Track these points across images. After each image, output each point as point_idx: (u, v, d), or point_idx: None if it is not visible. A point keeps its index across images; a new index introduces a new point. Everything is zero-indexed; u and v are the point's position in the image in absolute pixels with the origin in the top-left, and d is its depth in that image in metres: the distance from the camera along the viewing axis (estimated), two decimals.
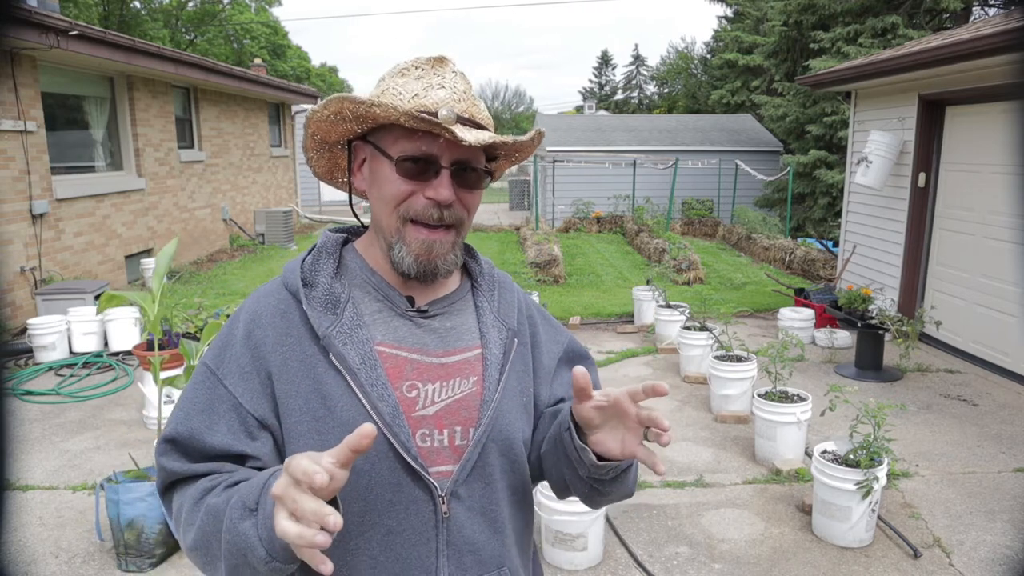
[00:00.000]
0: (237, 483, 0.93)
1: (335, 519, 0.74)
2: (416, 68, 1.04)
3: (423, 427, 1.02)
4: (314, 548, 0.74)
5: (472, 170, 1.04)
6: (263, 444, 1.00)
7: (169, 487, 1.03)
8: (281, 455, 1.01)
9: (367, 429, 0.76)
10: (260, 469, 0.98)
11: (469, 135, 0.98)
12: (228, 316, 0.93)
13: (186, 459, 1.00)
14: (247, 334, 1.02)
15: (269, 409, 1.00)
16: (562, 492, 1.15)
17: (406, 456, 0.99)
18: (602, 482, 1.05)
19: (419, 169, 1.01)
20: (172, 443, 1.01)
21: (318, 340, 1.00)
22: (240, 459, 1.00)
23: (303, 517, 0.75)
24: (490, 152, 1.09)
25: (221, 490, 0.94)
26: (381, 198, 1.04)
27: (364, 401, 0.98)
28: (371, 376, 1.00)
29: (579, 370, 0.94)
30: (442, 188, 1.01)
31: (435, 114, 0.98)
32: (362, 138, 1.08)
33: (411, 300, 1.08)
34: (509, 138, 1.05)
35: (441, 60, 1.05)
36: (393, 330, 1.05)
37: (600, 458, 1.01)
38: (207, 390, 1.02)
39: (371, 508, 0.99)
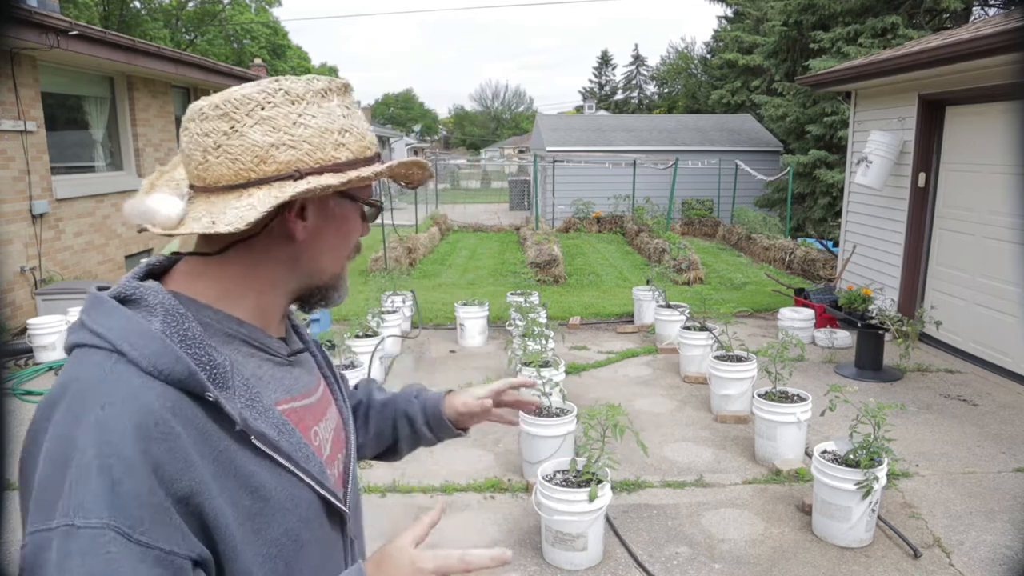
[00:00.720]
0: None
1: None
2: (333, 93, 0.91)
3: (328, 468, 0.98)
4: None
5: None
6: None
7: None
8: None
9: (506, 555, 0.94)
10: None
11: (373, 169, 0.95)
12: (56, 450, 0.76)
13: None
14: (143, 456, 0.74)
15: (202, 540, 0.78)
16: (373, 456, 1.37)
17: (337, 504, 0.96)
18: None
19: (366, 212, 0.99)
20: None
21: (230, 429, 0.82)
22: None
23: None
24: None
25: None
26: (342, 247, 0.96)
27: (295, 471, 0.88)
28: (292, 443, 0.89)
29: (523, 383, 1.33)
30: (367, 225, 1.00)
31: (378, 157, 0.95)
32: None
33: (284, 342, 0.99)
34: (398, 162, 0.99)
35: (346, 87, 0.94)
36: (280, 383, 0.94)
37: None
38: (127, 560, 0.72)
39: (313, 573, 0.94)
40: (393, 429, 1.33)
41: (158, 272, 0.91)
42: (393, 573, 0.87)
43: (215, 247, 0.89)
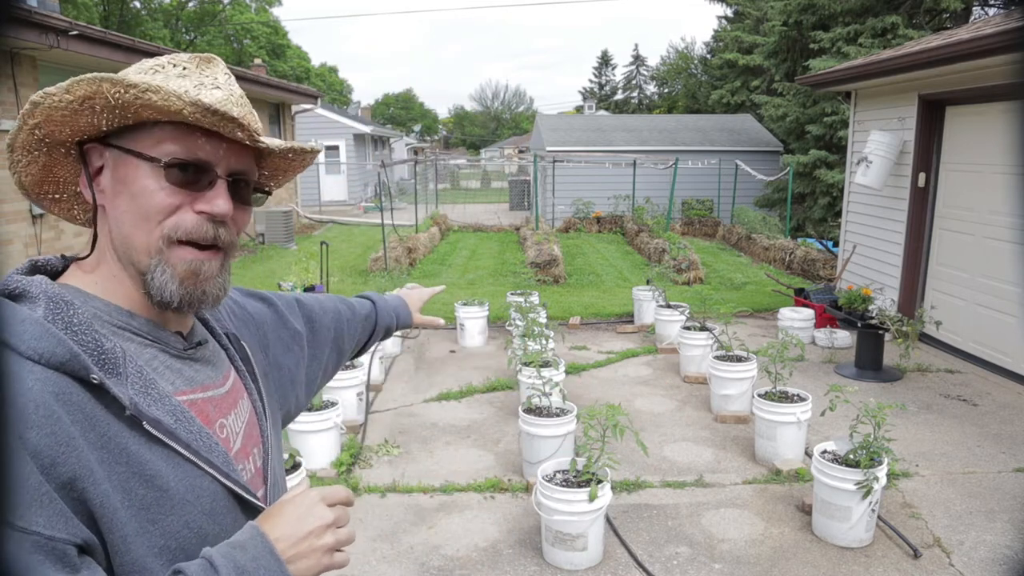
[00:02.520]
0: None
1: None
2: (176, 66, 0.89)
3: (239, 462, 0.95)
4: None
5: (246, 184, 0.92)
6: (94, 572, 0.75)
7: None
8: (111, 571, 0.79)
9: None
10: None
11: (266, 140, 0.90)
12: None
13: None
14: (19, 440, 0.72)
15: (87, 525, 0.75)
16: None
17: (248, 497, 0.91)
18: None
19: (191, 178, 0.86)
20: None
21: (120, 414, 0.80)
22: None
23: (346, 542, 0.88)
24: (259, 167, 0.99)
25: None
26: (137, 212, 0.85)
27: (196, 460, 0.85)
28: (191, 431, 0.86)
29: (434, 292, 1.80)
30: (219, 199, 0.87)
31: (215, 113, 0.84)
32: (101, 140, 0.88)
33: (181, 336, 0.94)
34: (306, 145, 0.98)
35: (209, 59, 0.92)
36: (178, 373, 0.91)
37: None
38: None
39: None
40: (369, 335, 1.55)
41: (47, 270, 0.90)
42: (290, 513, 0.86)
43: (88, 249, 0.90)
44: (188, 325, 0.96)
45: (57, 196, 0.96)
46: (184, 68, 0.89)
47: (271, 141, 0.91)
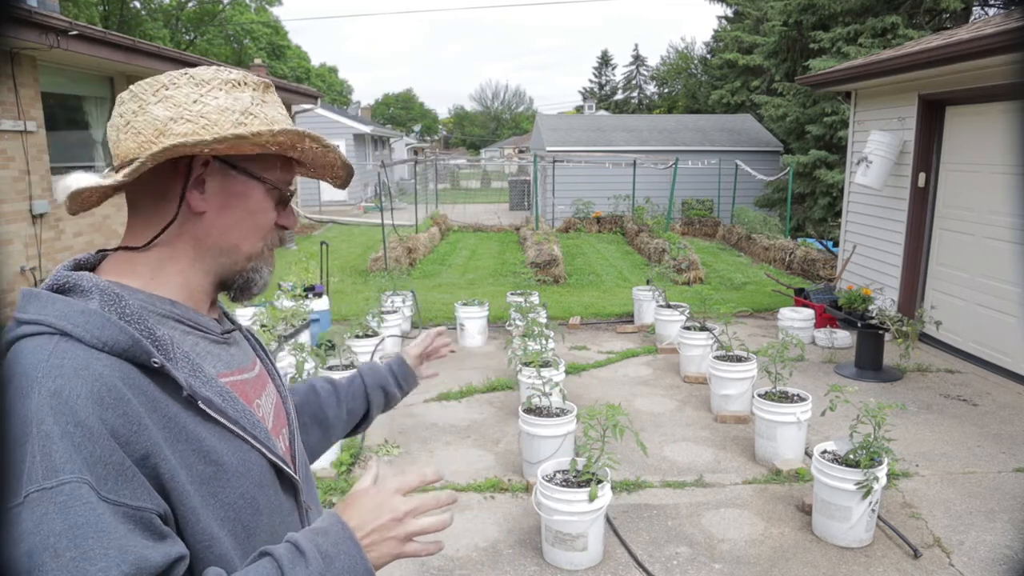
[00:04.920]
0: None
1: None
2: (248, 86, 0.97)
3: (274, 439, 1.04)
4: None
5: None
6: (178, 541, 0.83)
7: None
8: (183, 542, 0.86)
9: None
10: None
11: (343, 159, 1.07)
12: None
13: None
14: (100, 421, 0.78)
15: (162, 498, 0.82)
16: (333, 444, 1.43)
17: (287, 469, 1.00)
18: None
19: (285, 199, 1.03)
20: None
21: (177, 395, 0.86)
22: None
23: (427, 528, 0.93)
24: None
25: None
26: (251, 225, 0.99)
27: (244, 436, 0.93)
28: (237, 409, 0.94)
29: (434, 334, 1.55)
30: (292, 216, 1.05)
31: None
32: (216, 156, 0.95)
33: (217, 322, 1.04)
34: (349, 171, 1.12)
35: (268, 85, 1.00)
36: (218, 358, 0.99)
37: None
38: (101, 515, 0.75)
39: (272, 539, 0.96)
40: (365, 402, 1.45)
41: (86, 267, 0.96)
42: (365, 504, 0.92)
43: (141, 242, 0.95)
44: (217, 314, 1.05)
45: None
46: (258, 91, 0.98)
47: (342, 159, 1.08)
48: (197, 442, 0.87)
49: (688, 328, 5.87)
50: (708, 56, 33.58)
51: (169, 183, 0.94)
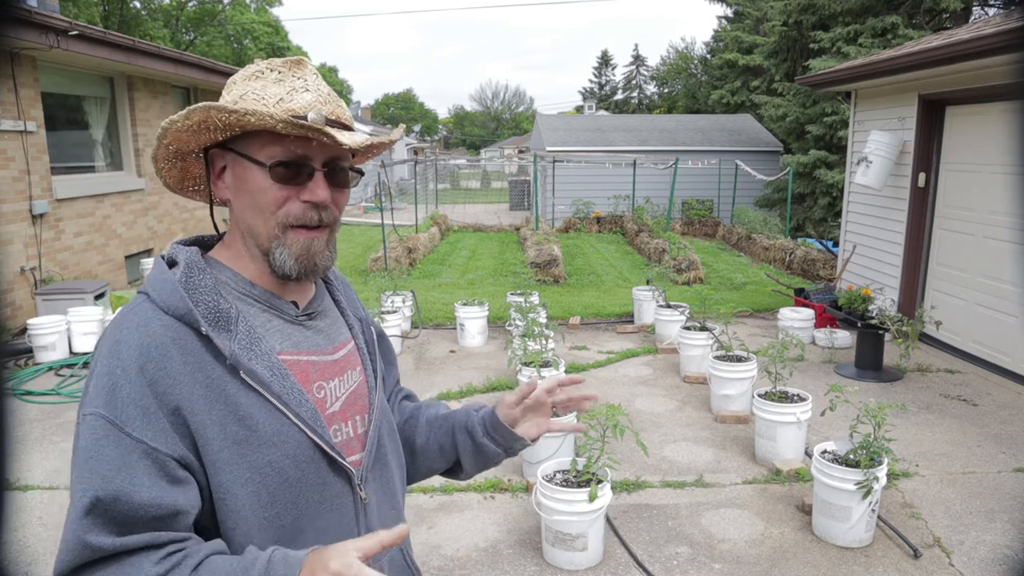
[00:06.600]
0: (199, 565, 0.90)
1: None
2: (272, 71, 1.04)
3: (334, 423, 1.08)
4: None
5: (341, 169, 1.07)
6: (189, 490, 0.93)
7: (83, 568, 0.89)
8: (205, 494, 0.96)
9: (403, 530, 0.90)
10: (190, 528, 0.94)
11: (345, 137, 1.01)
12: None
13: (114, 530, 0.88)
14: (140, 370, 0.93)
15: (186, 446, 0.93)
16: (427, 475, 1.37)
17: (332, 452, 1.03)
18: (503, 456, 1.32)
19: (293, 173, 1.02)
20: (95, 512, 0.88)
21: (223, 362, 0.97)
22: (167, 520, 0.91)
23: None
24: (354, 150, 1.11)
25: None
26: (254, 206, 1.03)
27: (284, 410, 0.99)
28: (284, 385, 1.00)
29: (534, 384, 1.26)
30: (319, 190, 1.03)
31: (304, 118, 1.00)
32: (220, 145, 1.05)
33: (295, 305, 1.10)
34: (384, 138, 1.10)
35: (299, 62, 1.06)
36: (287, 337, 1.06)
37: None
38: (112, 444, 0.90)
39: (303, 514, 1.02)
40: (453, 442, 1.32)
41: (208, 245, 1.12)
42: (327, 554, 0.87)
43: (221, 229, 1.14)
44: (306, 297, 1.13)
45: (197, 188, 1.17)
46: (279, 73, 1.04)
47: (353, 139, 1.03)
48: (234, 406, 0.96)
49: (688, 328, 5.87)
50: (708, 56, 33.57)
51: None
